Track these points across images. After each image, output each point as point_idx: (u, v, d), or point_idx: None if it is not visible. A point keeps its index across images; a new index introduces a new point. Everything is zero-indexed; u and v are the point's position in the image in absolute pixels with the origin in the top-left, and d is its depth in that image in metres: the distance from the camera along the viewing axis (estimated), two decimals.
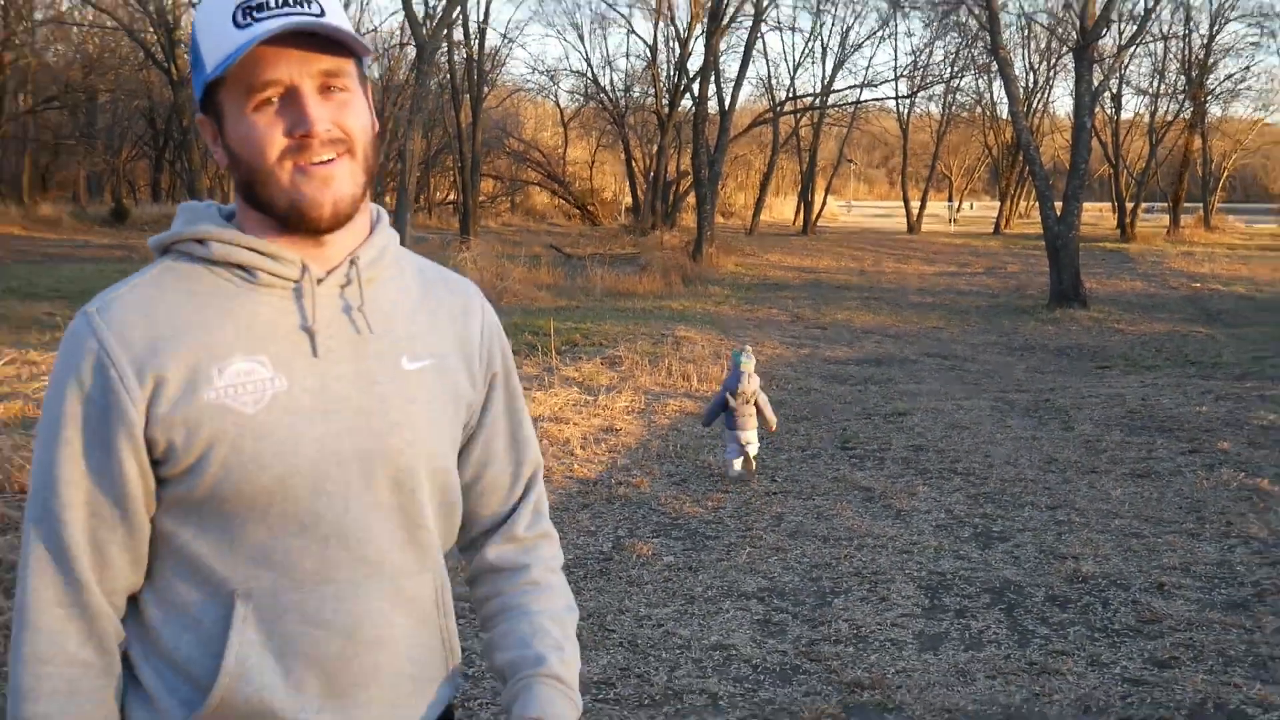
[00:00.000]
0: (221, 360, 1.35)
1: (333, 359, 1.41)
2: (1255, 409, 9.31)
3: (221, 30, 1.33)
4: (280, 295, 1.40)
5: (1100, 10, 20.33)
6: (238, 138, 1.37)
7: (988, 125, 48.42)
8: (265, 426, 1.35)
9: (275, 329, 1.39)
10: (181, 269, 1.41)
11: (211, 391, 1.33)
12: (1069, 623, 4.88)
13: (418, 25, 23.30)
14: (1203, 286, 23.42)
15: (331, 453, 1.39)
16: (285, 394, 1.37)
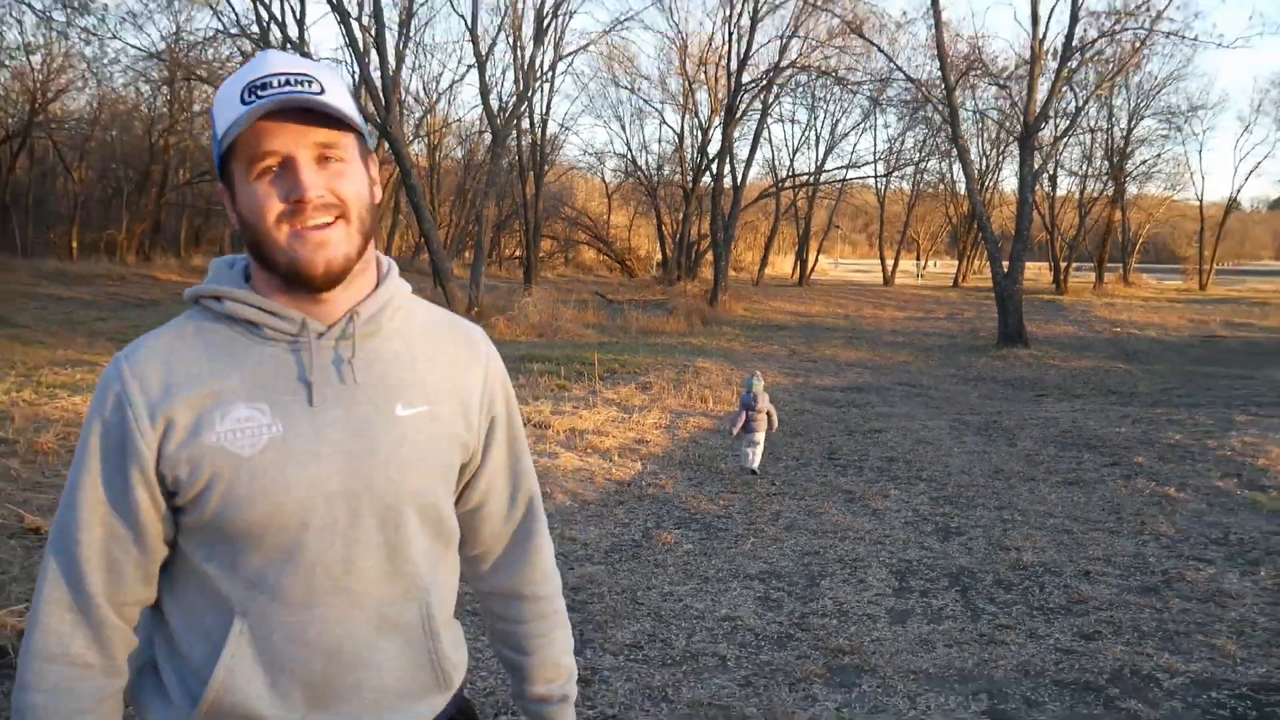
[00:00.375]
0: (225, 406, 1.28)
1: (326, 406, 1.32)
2: (1164, 430, 9.21)
3: (231, 106, 1.28)
4: (283, 348, 1.32)
5: (1039, 108, 20.28)
6: (243, 203, 1.30)
7: (949, 199, 48.33)
8: (259, 467, 1.27)
9: (277, 379, 1.31)
10: (203, 321, 1.34)
11: (213, 435, 1.27)
12: (1012, 602, 4.83)
13: (493, 116, 23.50)
14: (1122, 331, 23.22)
15: (320, 492, 1.30)
16: (280, 439, 1.29)
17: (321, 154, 1.29)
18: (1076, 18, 19.74)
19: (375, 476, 1.33)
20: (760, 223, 48.73)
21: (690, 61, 35.13)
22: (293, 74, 1.28)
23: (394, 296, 1.41)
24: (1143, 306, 30.78)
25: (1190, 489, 7.04)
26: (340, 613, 1.32)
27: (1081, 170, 42.66)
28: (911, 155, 44.24)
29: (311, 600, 1.31)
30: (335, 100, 1.29)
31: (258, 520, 1.28)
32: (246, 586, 1.30)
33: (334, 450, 1.31)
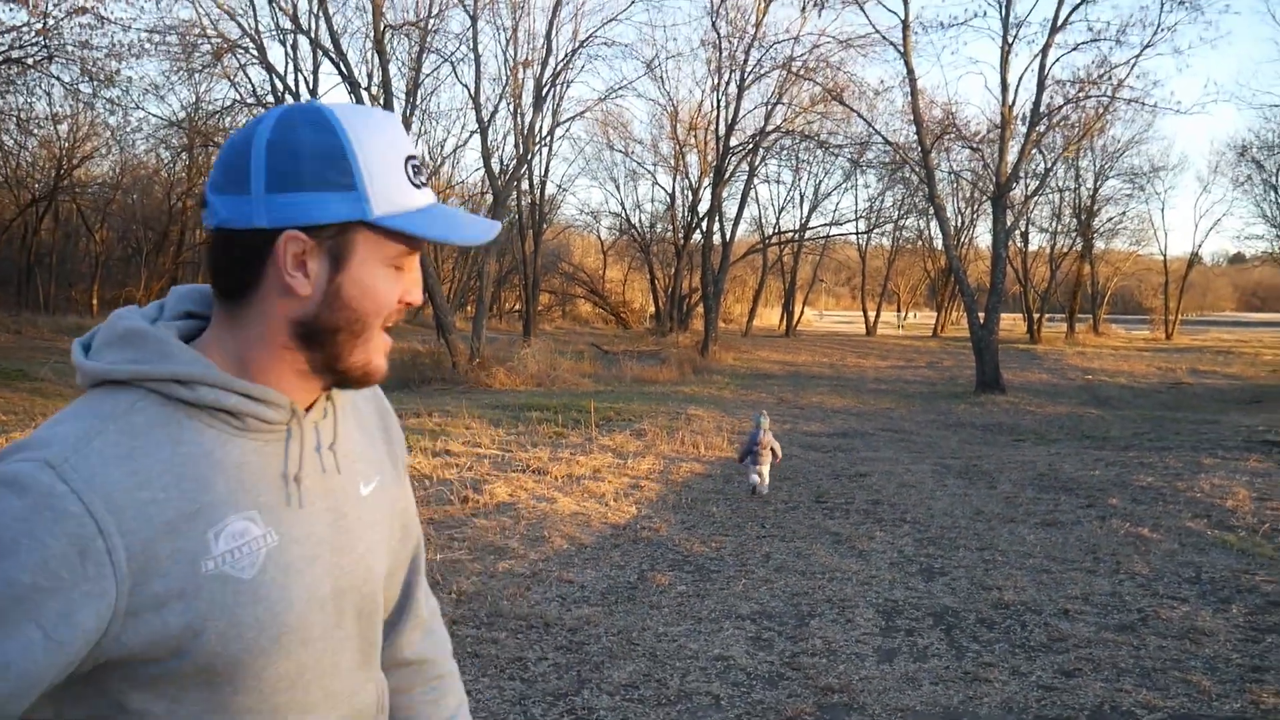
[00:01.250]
0: (216, 524, 0.97)
1: (310, 499, 1.06)
2: (1136, 473, 9.19)
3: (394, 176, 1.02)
4: (266, 440, 1.03)
5: (1010, 170, 20.49)
6: (364, 286, 1.02)
7: (927, 254, 48.70)
8: (261, 589, 0.99)
9: (261, 478, 1.02)
10: (155, 411, 0.98)
11: (210, 561, 0.96)
12: (995, 640, 4.77)
13: (494, 178, 23.68)
14: (1094, 378, 23.26)
15: (314, 600, 1.05)
16: (277, 550, 1.01)
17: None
18: (1043, 86, 20.02)
19: (357, 570, 1.11)
20: (748, 277, 49.00)
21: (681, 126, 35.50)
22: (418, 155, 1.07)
23: None
24: (1113, 355, 30.88)
25: (1163, 529, 6.99)
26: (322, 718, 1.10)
27: (1051, 227, 43.12)
28: (891, 213, 44.65)
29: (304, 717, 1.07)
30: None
31: (263, 649, 1.00)
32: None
33: (323, 549, 1.07)
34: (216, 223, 1.01)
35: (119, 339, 1.02)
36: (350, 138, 1.00)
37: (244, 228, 0.99)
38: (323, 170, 0.99)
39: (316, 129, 1.00)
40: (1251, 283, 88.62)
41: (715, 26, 27.94)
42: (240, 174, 0.99)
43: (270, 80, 22.55)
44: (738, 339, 35.75)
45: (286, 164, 0.98)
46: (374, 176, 1.00)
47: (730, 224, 31.53)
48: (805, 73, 25.20)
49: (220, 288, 1.04)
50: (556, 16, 23.35)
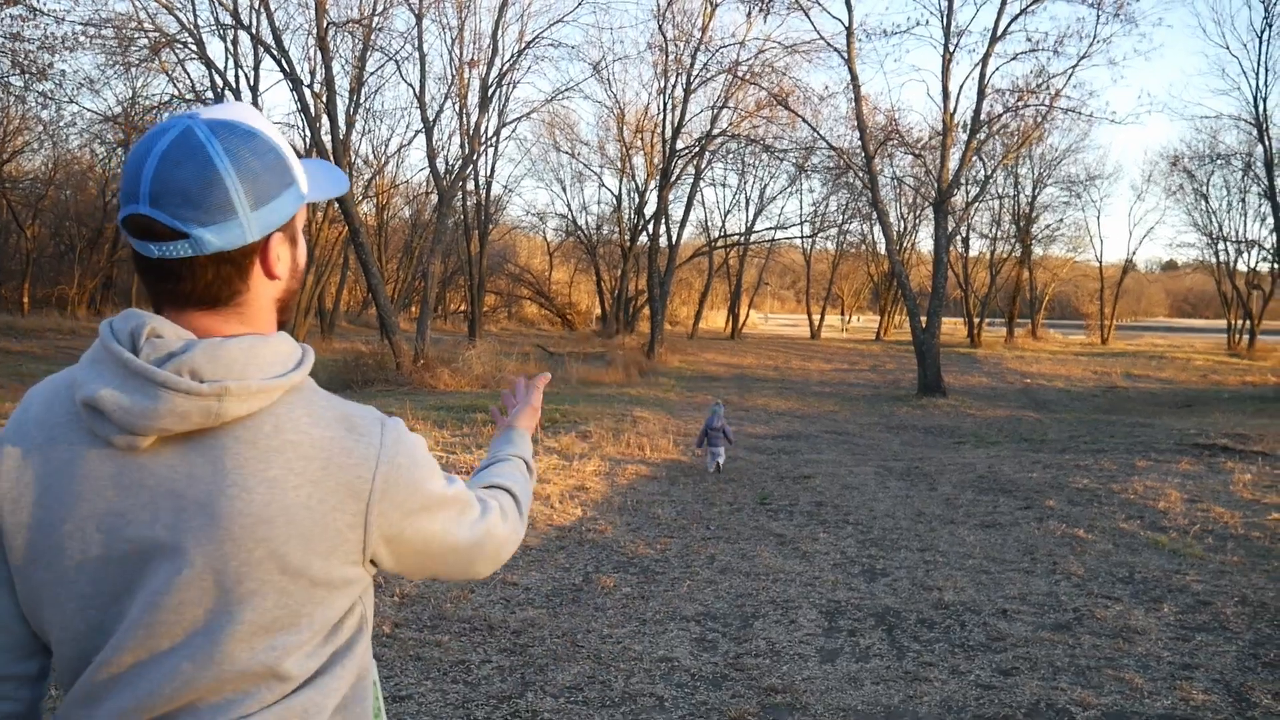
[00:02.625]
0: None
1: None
2: (1073, 475, 9.37)
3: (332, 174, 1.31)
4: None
5: (952, 176, 20.83)
6: (303, 249, 1.25)
7: (870, 258, 49.29)
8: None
9: None
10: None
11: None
12: (935, 640, 4.84)
13: (439, 178, 23.48)
14: (1032, 382, 23.71)
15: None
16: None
17: None
18: (983, 94, 20.39)
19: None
20: (694, 279, 49.19)
21: (627, 129, 35.56)
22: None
23: None
24: (1050, 359, 31.51)
25: (1098, 530, 7.15)
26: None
27: (991, 233, 43.95)
28: (835, 218, 45.21)
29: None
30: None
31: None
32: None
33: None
34: (211, 251, 1.12)
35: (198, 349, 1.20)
36: (280, 143, 1.19)
37: (239, 246, 1.14)
38: (279, 177, 1.17)
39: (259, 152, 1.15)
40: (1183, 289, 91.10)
41: (662, 30, 28.07)
42: (223, 204, 1.11)
43: (210, 76, 22.12)
44: (684, 341, 35.88)
45: (257, 184, 1.14)
46: (294, 163, 1.21)
47: (676, 227, 31.65)
48: (751, 77, 25.39)
49: (212, 299, 1.16)
50: (503, 17, 23.28)
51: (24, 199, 33.56)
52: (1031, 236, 42.62)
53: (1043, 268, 47.11)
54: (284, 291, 1.22)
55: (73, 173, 34.75)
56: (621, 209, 39.43)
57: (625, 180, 38.41)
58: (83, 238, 34.44)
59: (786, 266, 57.28)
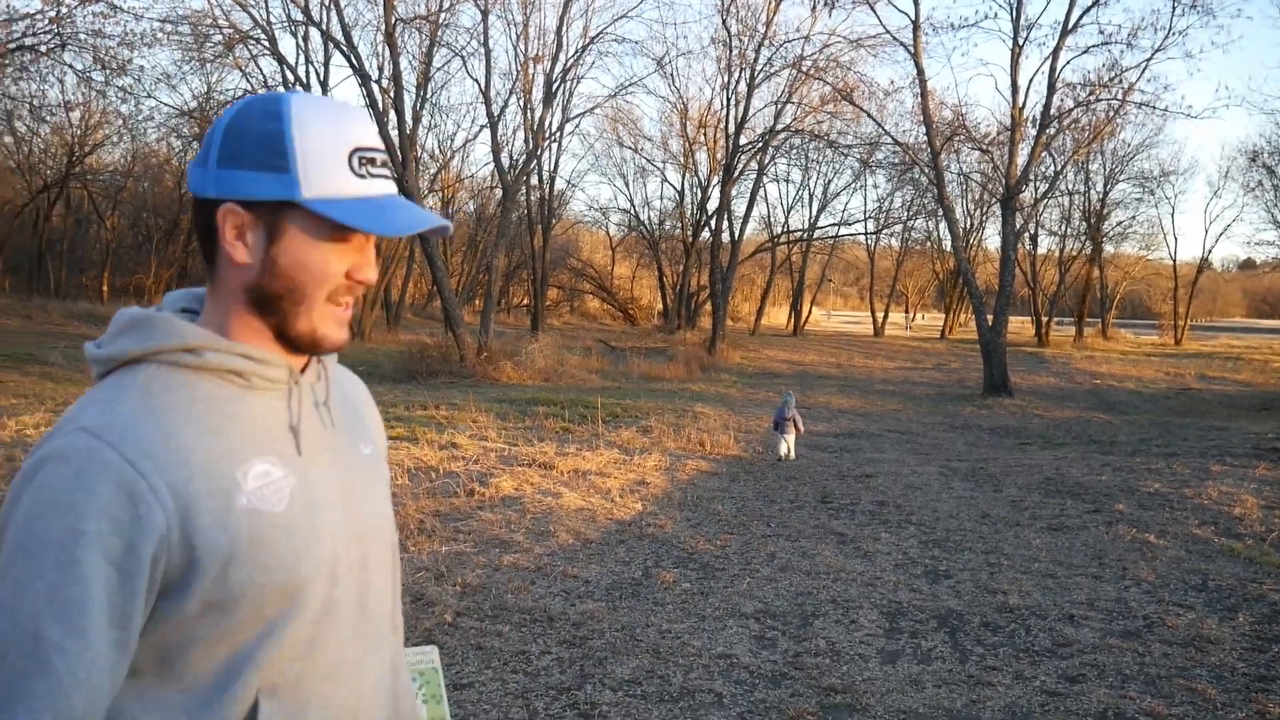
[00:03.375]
0: (243, 464, 1.09)
1: (318, 450, 1.18)
2: (1144, 479, 9.15)
3: (333, 165, 1.11)
4: (271, 396, 1.16)
5: (1020, 172, 20.46)
6: (301, 260, 1.12)
7: (935, 255, 48.65)
8: (293, 523, 1.11)
9: (272, 429, 1.14)
10: (168, 377, 1.10)
11: (243, 497, 1.07)
12: (999, 644, 4.76)
13: (504, 173, 23.66)
14: (1102, 383, 23.21)
15: (340, 540, 1.17)
16: (299, 488, 1.13)
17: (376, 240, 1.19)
18: (1054, 88, 19.95)
19: (371, 517, 1.24)
20: (756, 275, 49.00)
21: (691, 124, 35.49)
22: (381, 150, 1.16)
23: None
24: (1121, 360, 30.82)
25: (1169, 536, 6.96)
26: (362, 665, 1.20)
27: (1061, 230, 43.08)
28: (900, 214, 44.68)
29: (343, 657, 1.17)
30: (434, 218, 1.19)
31: (298, 580, 1.11)
32: (276, 660, 1.11)
33: (339, 495, 1.19)
34: (189, 188, 1.14)
35: (129, 326, 1.15)
36: (294, 127, 1.10)
37: (201, 196, 1.12)
38: (261, 153, 1.09)
39: (266, 117, 1.10)
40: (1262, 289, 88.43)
41: (726, 25, 27.95)
42: (205, 149, 1.13)
43: (281, 71, 22.55)
44: (745, 338, 35.74)
45: (234, 144, 1.10)
46: (309, 162, 1.09)
47: (739, 222, 31.53)
48: (815, 72, 25.16)
49: (202, 254, 1.17)
50: (567, 12, 23.37)
51: (104, 191, 34.59)
52: (1102, 234, 41.67)
53: (1114, 266, 46.11)
54: (253, 284, 1.13)
55: (150, 165, 35.70)
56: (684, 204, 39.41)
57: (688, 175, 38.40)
58: (159, 229, 35.38)
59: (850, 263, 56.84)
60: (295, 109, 1.11)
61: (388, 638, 1.28)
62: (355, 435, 1.27)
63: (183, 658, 1.08)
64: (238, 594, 1.07)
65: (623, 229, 47.16)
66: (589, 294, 47.72)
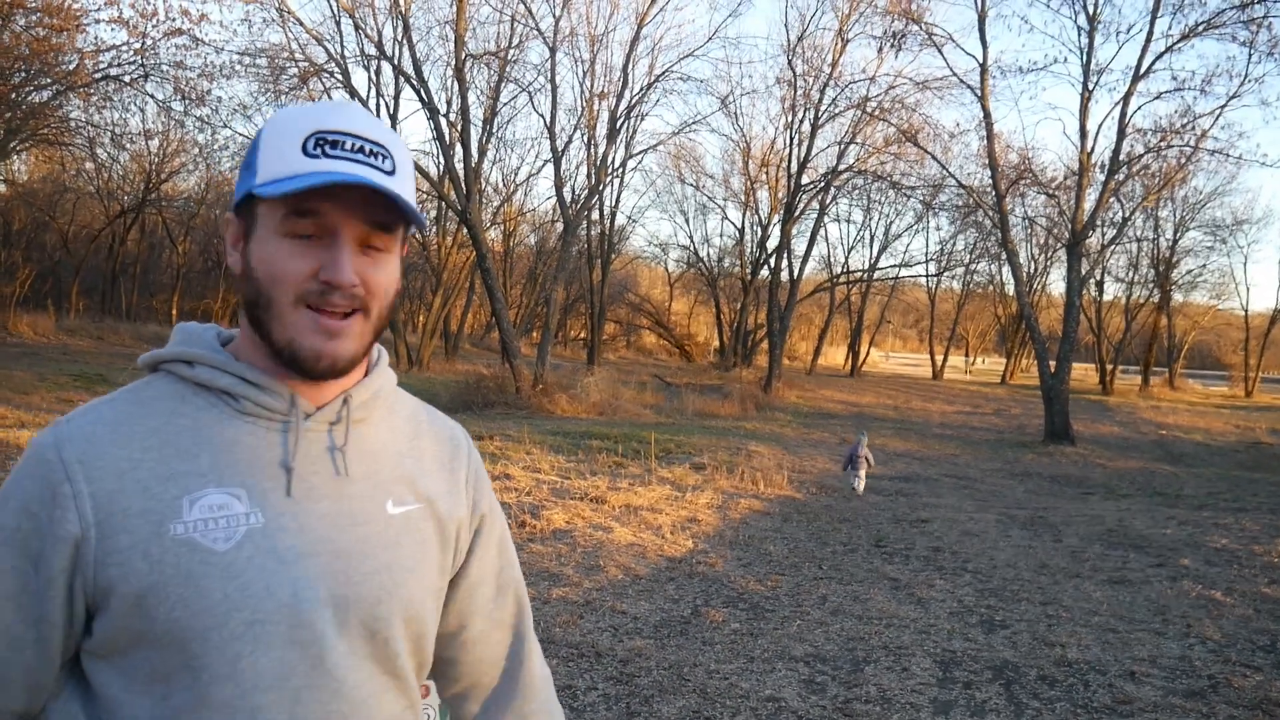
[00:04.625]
0: (194, 491, 1.01)
1: (314, 497, 1.07)
2: (1210, 533, 8.89)
3: (288, 150, 1.04)
4: (265, 427, 1.07)
5: (1087, 218, 20.16)
6: (262, 256, 1.05)
7: (997, 299, 48.06)
8: (236, 566, 1.00)
9: (255, 461, 1.05)
10: (166, 388, 1.08)
11: (180, 525, 0.99)
12: (1056, 699, 4.63)
13: (566, 207, 23.90)
14: (1168, 434, 22.64)
15: (306, 598, 1.03)
16: (260, 531, 1.02)
17: (368, 237, 1.06)
18: (1124, 134, 19.68)
19: (368, 582, 1.08)
20: (815, 315, 48.80)
21: (753, 162, 35.57)
22: (369, 140, 1.05)
23: (383, 385, 1.19)
24: (1188, 410, 30.05)
25: (1237, 594, 6.75)
26: None
27: (1128, 276, 42.33)
28: (962, 257, 44.16)
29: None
30: (403, 186, 1.07)
31: (234, 632, 0.99)
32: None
33: (322, 548, 1.06)
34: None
35: (171, 336, 1.15)
36: (268, 125, 1.08)
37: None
38: (248, 155, 1.09)
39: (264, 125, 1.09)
40: None
41: (791, 65, 28.03)
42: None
43: None
44: (802, 377, 35.51)
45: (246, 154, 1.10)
46: (267, 153, 1.05)
47: (799, 261, 31.43)
48: (880, 113, 25.13)
49: None
50: (634, 51, 23.64)
51: (177, 217, 35.62)
52: (1171, 282, 40.83)
53: (1183, 315, 45.12)
54: (241, 294, 1.09)
55: (223, 193, 36.65)
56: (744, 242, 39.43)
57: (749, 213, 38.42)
58: None
59: (910, 305, 56.23)
60: (280, 112, 1.10)
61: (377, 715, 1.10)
62: (385, 491, 1.14)
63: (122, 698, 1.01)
64: (160, 631, 0.99)
65: (681, 265, 47.30)
66: (646, 329, 47.86)
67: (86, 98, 21.28)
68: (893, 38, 21.43)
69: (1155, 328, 42.08)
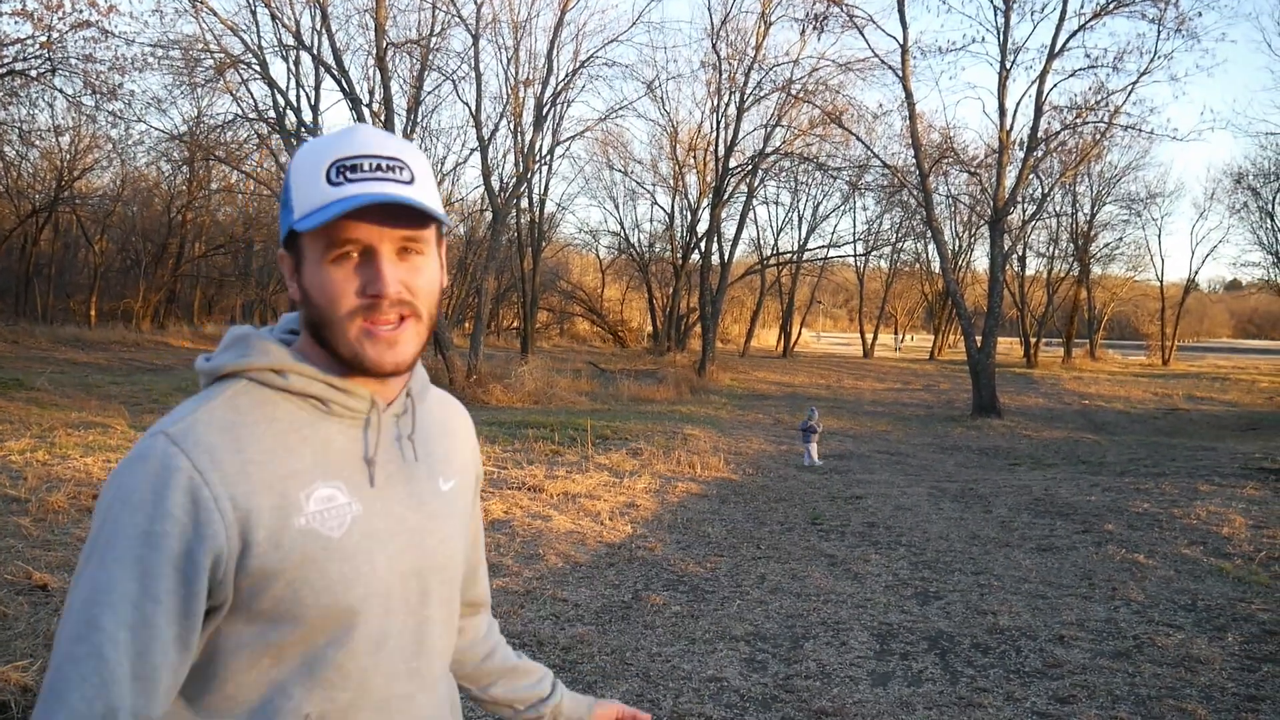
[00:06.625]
0: (306, 486, 1.13)
1: (392, 483, 1.22)
2: (1132, 499, 9.17)
3: (313, 183, 1.14)
4: (350, 424, 1.20)
5: (1008, 194, 20.58)
6: (314, 284, 1.15)
7: (924, 277, 48.85)
8: (347, 549, 1.14)
9: (346, 457, 1.18)
10: (256, 395, 1.17)
11: (302, 518, 1.12)
12: (990, 665, 4.75)
13: (494, 196, 23.72)
14: (1090, 403, 23.28)
15: (397, 573, 1.20)
16: (361, 517, 1.17)
17: (403, 245, 1.16)
18: (1041, 111, 20.13)
19: (438, 552, 1.26)
20: (746, 297, 49.13)
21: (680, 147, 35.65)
22: (384, 157, 1.15)
23: (424, 374, 1.34)
24: (1109, 380, 30.93)
25: (1159, 556, 6.98)
26: (413, 700, 1.24)
27: (1049, 251, 43.35)
28: (888, 236, 44.86)
29: (391, 690, 1.21)
30: (425, 194, 1.17)
31: (350, 607, 1.15)
32: (326, 686, 1.15)
33: (403, 528, 1.22)
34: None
35: (233, 343, 1.22)
36: (292, 163, 1.19)
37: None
38: (283, 195, 1.20)
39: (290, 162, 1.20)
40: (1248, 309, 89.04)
41: (715, 49, 28.11)
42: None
43: (272, 95, 22.58)
44: (735, 359, 35.77)
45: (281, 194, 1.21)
46: (297, 190, 1.16)
47: (729, 244, 31.61)
48: (804, 95, 25.33)
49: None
50: (558, 37, 23.47)
51: (93, 215, 34.54)
52: (1090, 255, 41.93)
53: (1101, 287, 46.36)
54: (303, 318, 1.21)
55: (139, 189, 35.68)
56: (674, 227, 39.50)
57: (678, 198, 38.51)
58: (148, 253, 35.32)
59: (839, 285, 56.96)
60: (301, 149, 1.19)
61: (444, 677, 1.32)
62: (436, 470, 1.30)
63: (230, 675, 1.14)
64: (284, 610, 1.12)
65: (612, 251, 47.27)
66: (579, 316, 47.75)
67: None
68: (814, 20, 21.62)
69: (1076, 300, 43.20)
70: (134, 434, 10.13)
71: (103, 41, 18.12)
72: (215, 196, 37.67)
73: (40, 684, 3.79)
